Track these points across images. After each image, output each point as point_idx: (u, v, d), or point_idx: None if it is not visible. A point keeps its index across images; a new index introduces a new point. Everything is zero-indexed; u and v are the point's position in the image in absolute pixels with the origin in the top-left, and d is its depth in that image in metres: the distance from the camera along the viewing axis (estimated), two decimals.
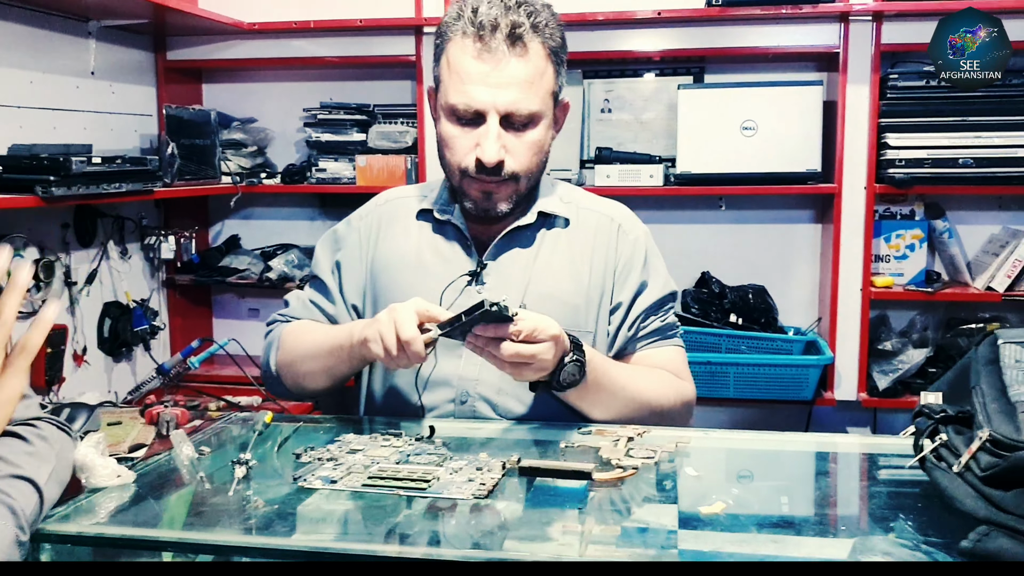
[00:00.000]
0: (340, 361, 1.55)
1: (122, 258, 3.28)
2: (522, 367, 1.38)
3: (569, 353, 1.42)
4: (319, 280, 1.73)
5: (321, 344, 1.58)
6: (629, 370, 1.61)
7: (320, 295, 1.72)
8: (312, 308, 1.71)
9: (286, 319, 1.73)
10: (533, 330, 1.34)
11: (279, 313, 1.75)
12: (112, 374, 3.25)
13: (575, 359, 1.42)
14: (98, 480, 1.24)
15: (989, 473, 1.03)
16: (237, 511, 1.17)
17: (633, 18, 3.15)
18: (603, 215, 1.69)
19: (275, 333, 1.70)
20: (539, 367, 1.38)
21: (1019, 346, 1.16)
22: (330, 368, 1.58)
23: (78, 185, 2.53)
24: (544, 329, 1.35)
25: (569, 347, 1.42)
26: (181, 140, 3.23)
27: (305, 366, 1.62)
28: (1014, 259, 3.05)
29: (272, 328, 1.74)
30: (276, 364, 1.68)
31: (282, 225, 3.75)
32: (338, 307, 1.69)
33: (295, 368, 1.64)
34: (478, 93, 1.50)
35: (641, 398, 1.57)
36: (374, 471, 1.26)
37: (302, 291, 1.76)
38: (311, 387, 1.65)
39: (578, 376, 1.44)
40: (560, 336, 1.37)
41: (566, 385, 1.44)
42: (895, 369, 3.15)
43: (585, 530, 1.12)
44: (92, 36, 3.11)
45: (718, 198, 3.40)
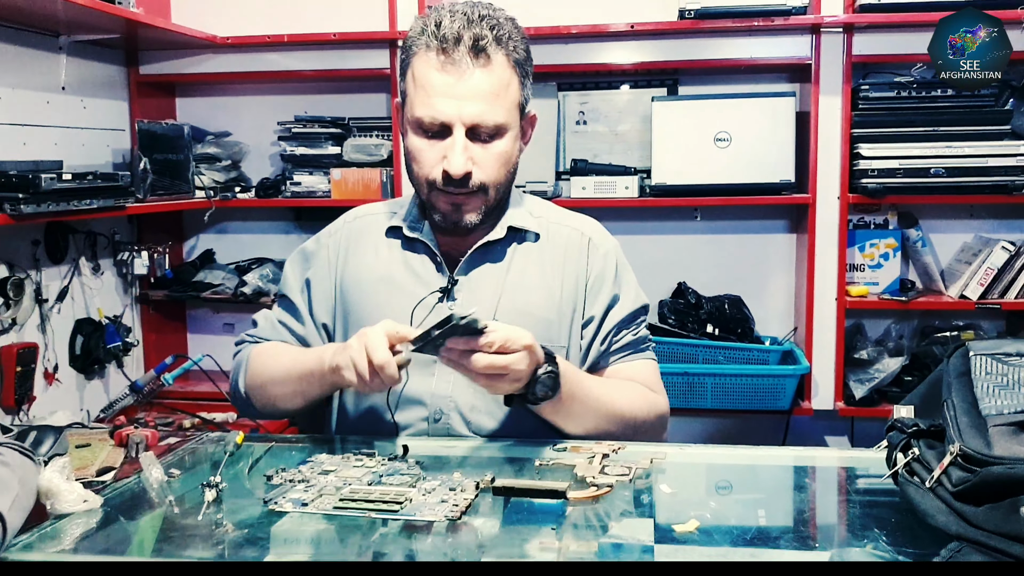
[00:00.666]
0: (311, 386, 1.54)
1: (94, 274, 3.25)
2: (496, 379, 1.37)
3: (543, 365, 1.41)
4: (287, 300, 1.71)
5: (291, 369, 1.57)
6: (603, 383, 1.60)
7: (289, 315, 1.70)
8: (281, 329, 1.69)
9: (254, 339, 1.71)
10: (506, 340, 1.33)
11: (247, 333, 1.73)
12: (84, 392, 3.22)
13: (549, 371, 1.41)
14: (63, 506, 1.21)
15: (960, 489, 1.03)
16: (206, 536, 1.16)
17: (607, 31, 3.15)
18: (573, 229, 1.69)
19: (243, 355, 1.69)
20: (513, 378, 1.37)
21: (990, 358, 1.16)
22: (302, 392, 1.57)
23: (48, 202, 2.51)
24: (516, 339, 1.34)
25: (543, 359, 1.41)
26: (154, 155, 3.20)
27: (276, 390, 1.61)
28: (986, 267, 3.07)
29: (240, 349, 1.72)
30: (245, 386, 1.66)
31: (257, 239, 3.73)
32: (307, 327, 1.68)
33: (266, 391, 1.63)
34: (443, 105, 1.50)
35: (615, 411, 1.56)
36: (346, 493, 1.25)
37: (270, 311, 1.75)
38: (283, 408, 1.64)
39: (552, 388, 1.43)
40: (533, 346, 1.37)
41: (540, 398, 1.43)
42: (871, 378, 3.16)
43: (561, 548, 1.11)
44: (63, 51, 3.08)
45: (693, 209, 3.41)
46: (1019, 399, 1.09)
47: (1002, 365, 1.15)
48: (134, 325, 3.49)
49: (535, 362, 1.39)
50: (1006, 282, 3.07)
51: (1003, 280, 3.07)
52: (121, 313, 3.40)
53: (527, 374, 1.38)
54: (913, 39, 2.98)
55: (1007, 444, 1.02)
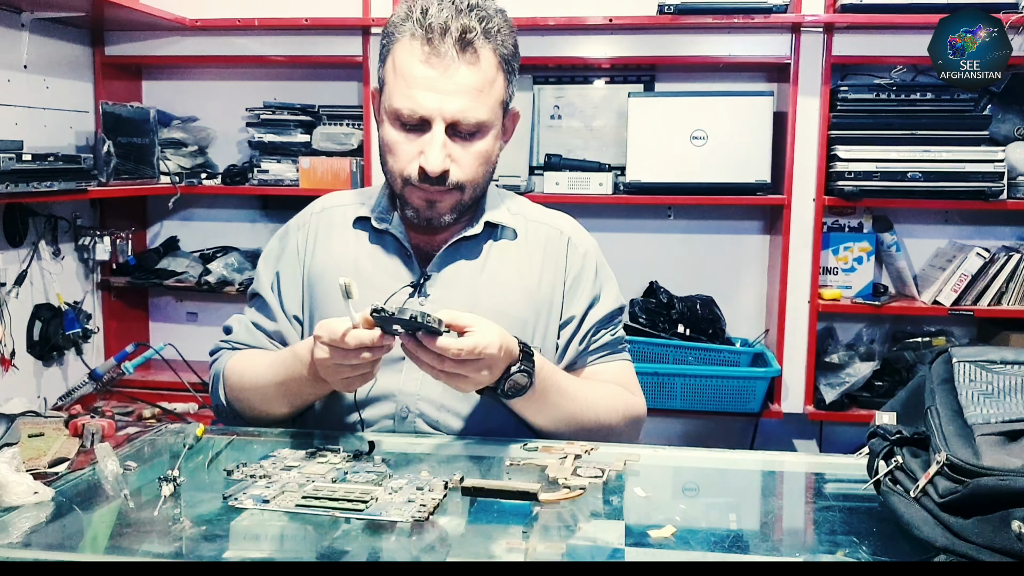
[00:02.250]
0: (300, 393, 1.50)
1: (54, 259, 3.17)
2: (457, 379, 1.33)
3: (517, 363, 1.37)
4: (260, 298, 1.65)
5: (271, 380, 1.51)
6: (579, 383, 1.56)
7: (261, 315, 1.64)
8: (255, 332, 1.63)
9: (230, 346, 1.65)
10: (473, 347, 1.28)
11: (222, 340, 1.67)
12: (42, 379, 3.14)
13: (522, 369, 1.38)
14: (12, 498, 1.16)
15: (948, 499, 0.99)
16: (163, 531, 1.10)
17: (584, 24, 3.12)
18: (552, 227, 1.65)
19: (219, 364, 1.63)
20: (476, 382, 1.33)
21: (974, 365, 1.14)
22: (291, 400, 1.52)
23: (6, 183, 2.45)
24: (486, 346, 1.29)
25: (518, 355, 1.37)
26: (118, 138, 3.13)
27: (260, 403, 1.56)
28: (960, 273, 3.07)
29: (216, 357, 1.66)
30: (226, 398, 1.60)
31: (222, 227, 3.66)
32: (281, 323, 1.62)
33: (250, 404, 1.57)
34: (424, 99, 1.44)
35: (590, 412, 1.53)
36: (309, 490, 1.20)
37: (243, 315, 1.68)
38: (271, 418, 1.57)
39: (525, 385, 1.40)
40: (502, 346, 1.32)
41: (512, 394, 1.39)
42: (842, 382, 3.15)
43: (529, 548, 1.07)
44: (25, 28, 2.99)
45: (667, 207, 3.39)
46: (1006, 408, 1.06)
47: (986, 373, 1.13)
48: (95, 312, 3.41)
49: (507, 359, 1.35)
50: (979, 289, 3.07)
51: (976, 287, 3.07)
52: (81, 299, 3.33)
53: (492, 378, 1.35)
54: (894, 41, 2.98)
55: (995, 454, 0.99)
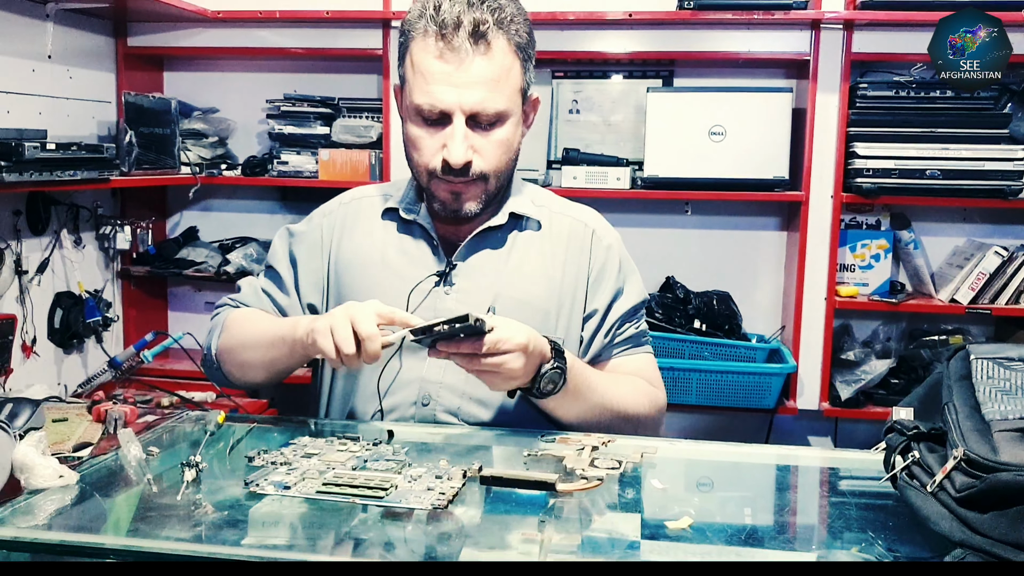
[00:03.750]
0: (280, 355, 1.50)
1: (76, 247, 3.20)
2: (491, 375, 1.34)
3: (550, 360, 1.39)
4: (274, 270, 1.68)
5: (264, 334, 1.53)
6: (607, 378, 1.58)
7: (274, 285, 1.67)
8: (263, 297, 1.66)
9: (236, 304, 1.68)
10: (497, 342, 1.30)
11: (229, 297, 1.70)
12: (62, 366, 3.17)
13: (555, 367, 1.39)
14: (38, 481, 1.18)
15: (965, 494, 1.00)
16: (185, 516, 1.12)
17: (604, 19, 3.12)
18: (576, 220, 1.66)
19: (220, 317, 1.66)
20: (508, 376, 1.34)
21: (992, 362, 1.14)
22: (271, 361, 1.53)
23: (31, 171, 2.46)
24: (508, 339, 1.31)
25: (550, 354, 1.39)
26: (140, 128, 3.15)
27: (245, 355, 1.57)
28: (978, 272, 3.06)
29: (219, 312, 1.69)
30: (217, 349, 1.62)
31: (241, 218, 3.68)
32: (291, 299, 1.65)
33: (235, 355, 1.59)
34: (442, 93, 1.46)
35: (618, 406, 1.54)
36: (329, 477, 1.21)
37: (256, 279, 1.71)
38: (248, 378, 1.61)
39: (558, 384, 1.41)
40: (529, 344, 1.34)
41: (547, 392, 1.41)
42: (857, 379, 3.15)
43: (545, 539, 1.08)
44: (50, 19, 3.01)
45: (684, 203, 3.39)
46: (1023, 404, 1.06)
47: (1004, 370, 1.13)
48: (114, 300, 3.44)
49: (538, 357, 1.37)
50: (997, 287, 3.06)
51: (994, 285, 3.06)
52: (102, 288, 3.35)
53: (524, 371, 1.35)
54: (913, 38, 2.97)
55: (1013, 450, 0.99)
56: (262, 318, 1.60)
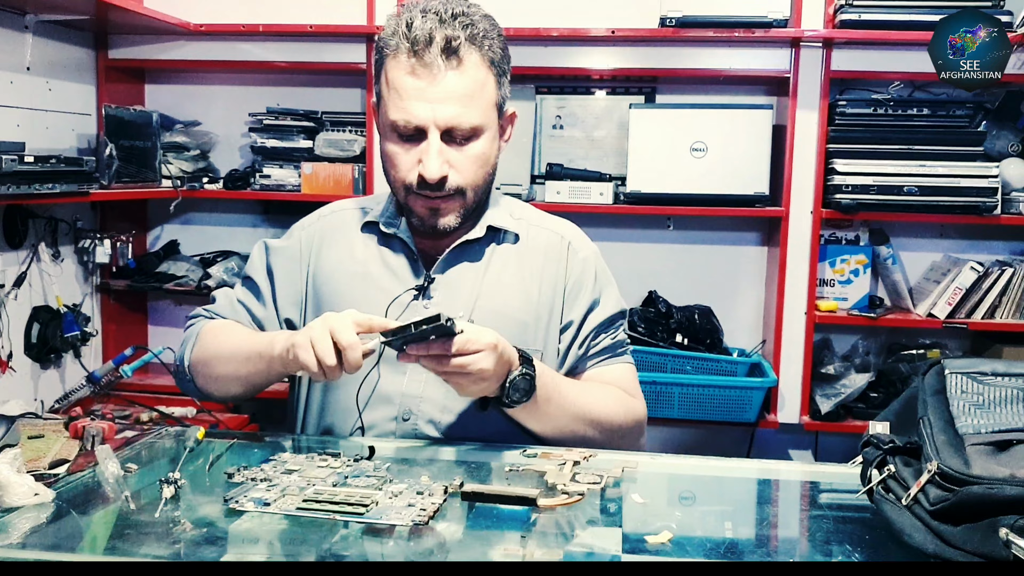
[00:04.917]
0: (257, 370, 1.49)
1: (54, 261, 3.17)
2: (461, 379, 1.34)
3: (518, 368, 1.39)
4: (252, 281, 1.67)
5: (239, 347, 1.53)
6: (580, 387, 1.58)
7: (251, 295, 1.66)
8: (239, 308, 1.65)
9: (210, 315, 1.67)
10: (466, 342, 1.31)
11: (204, 308, 1.69)
12: (39, 381, 3.14)
13: (523, 372, 1.39)
14: (13, 499, 1.17)
15: (938, 507, 1.01)
16: (163, 534, 1.12)
17: (587, 36, 3.14)
18: (553, 232, 1.67)
19: (194, 329, 1.65)
20: (478, 377, 1.34)
21: (966, 376, 1.15)
22: (246, 376, 1.53)
23: (8, 184, 2.45)
24: (476, 339, 1.32)
25: (517, 362, 1.39)
26: (120, 141, 3.14)
27: (220, 368, 1.56)
28: (955, 287, 3.09)
29: (193, 323, 1.68)
30: (190, 361, 1.61)
31: (223, 232, 3.67)
32: (268, 311, 1.64)
33: (209, 368, 1.58)
34: (416, 109, 1.47)
35: (592, 415, 1.54)
36: (310, 494, 1.21)
37: (232, 289, 1.70)
38: (222, 391, 1.61)
39: (527, 392, 1.41)
40: (499, 346, 1.34)
41: (515, 400, 1.41)
42: (837, 393, 3.16)
43: (527, 554, 1.08)
44: (29, 30, 3.00)
45: (666, 218, 3.40)
46: (996, 418, 1.08)
47: (978, 384, 1.14)
48: (93, 315, 3.41)
49: (506, 363, 1.37)
50: (973, 302, 3.09)
51: (970, 300, 3.09)
52: (80, 302, 3.33)
53: (494, 374, 1.35)
54: (891, 57, 3.01)
55: (985, 463, 1.01)
56: (237, 331, 1.60)
